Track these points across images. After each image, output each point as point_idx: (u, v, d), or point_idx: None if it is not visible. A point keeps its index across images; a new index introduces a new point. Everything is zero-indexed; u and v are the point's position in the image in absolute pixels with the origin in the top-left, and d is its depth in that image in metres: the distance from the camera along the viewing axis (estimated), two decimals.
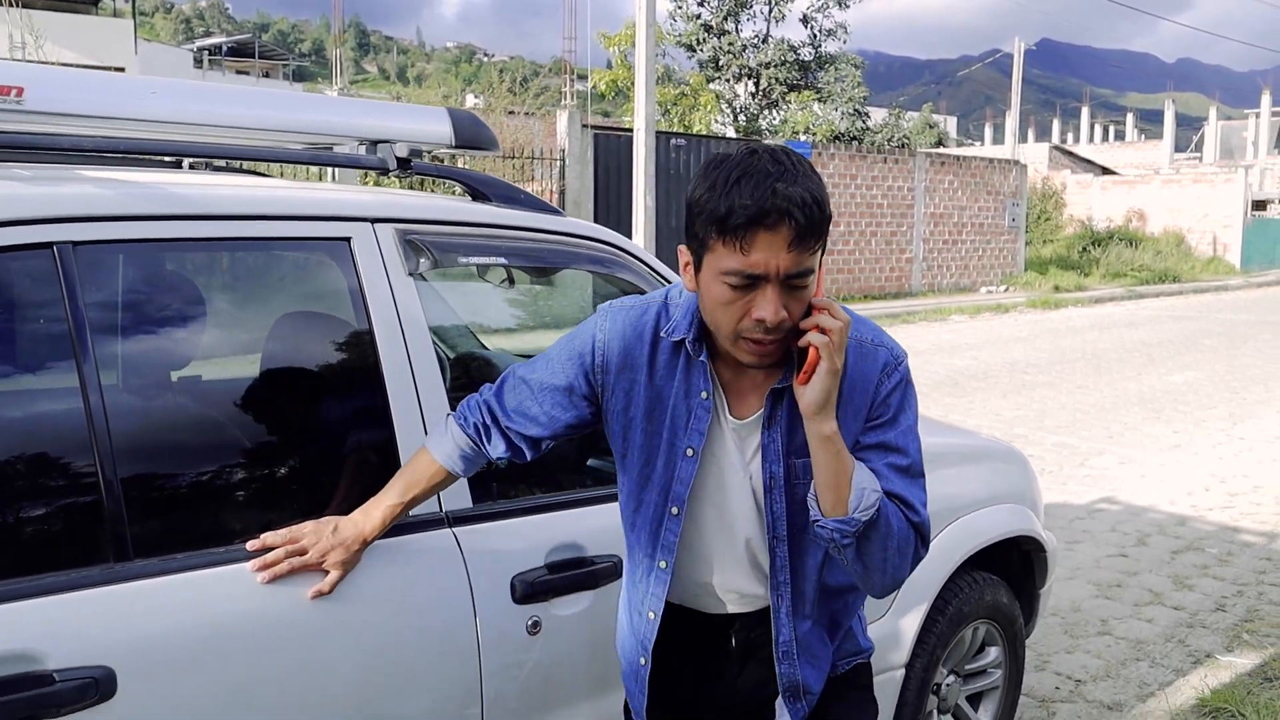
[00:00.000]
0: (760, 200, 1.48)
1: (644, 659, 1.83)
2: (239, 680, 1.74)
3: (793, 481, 1.71)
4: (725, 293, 1.56)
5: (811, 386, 1.57)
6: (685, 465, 1.72)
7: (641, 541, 1.80)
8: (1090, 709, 3.85)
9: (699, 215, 1.56)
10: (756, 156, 1.54)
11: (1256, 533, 5.99)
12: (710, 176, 1.56)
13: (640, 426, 1.75)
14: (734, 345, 1.61)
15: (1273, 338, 15.19)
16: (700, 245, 1.58)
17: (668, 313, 1.75)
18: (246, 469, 2.01)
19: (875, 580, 1.69)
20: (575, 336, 1.81)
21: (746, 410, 1.72)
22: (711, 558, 1.79)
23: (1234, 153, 57.50)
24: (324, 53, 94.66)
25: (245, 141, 2.27)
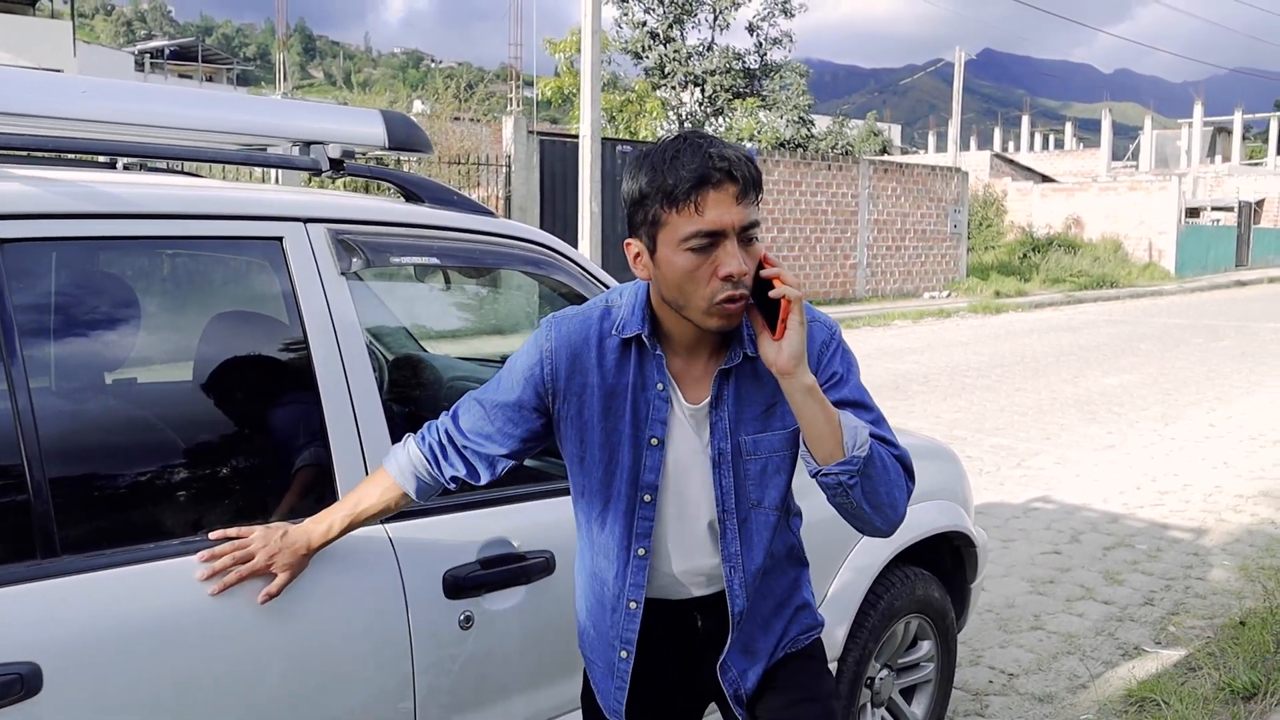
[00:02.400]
0: (702, 164, 1.60)
1: (626, 652, 1.87)
2: (168, 677, 1.74)
3: (740, 457, 1.80)
4: (689, 259, 1.63)
5: (788, 339, 1.63)
6: (651, 454, 1.79)
7: (615, 535, 1.83)
8: (1022, 701, 3.94)
9: (645, 199, 1.66)
10: (683, 138, 1.66)
11: (1185, 529, 6.15)
12: (645, 164, 1.66)
13: (598, 426, 1.80)
14: (706, 313, 1.67)
15: (1204, 342, 15.57)
16: (652, 225, 1.66)
17: (609, 315, 1.82)
18: (176, 468, 2.01)
19: (882, 518, 1.75)
20: (522, 354, 1.85)
21: (699, 396, 1.80)
22: (676, 543, 1.85)
23: (1168, 161, 58.80)
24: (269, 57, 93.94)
25: (178, 142, 2.27)
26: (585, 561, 1.93)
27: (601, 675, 1.92)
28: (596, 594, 1.90)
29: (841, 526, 2.10)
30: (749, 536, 1.85)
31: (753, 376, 1.80)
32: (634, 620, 1.85)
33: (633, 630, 1.85)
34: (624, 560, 1.84)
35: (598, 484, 1.83)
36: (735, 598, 1.86)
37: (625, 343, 1.79)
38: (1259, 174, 46.44)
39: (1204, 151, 59.66)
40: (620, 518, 1.82)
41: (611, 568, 1.85)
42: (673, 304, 1.71)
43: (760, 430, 1.81)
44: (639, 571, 1.83)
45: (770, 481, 1.84)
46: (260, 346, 2.20)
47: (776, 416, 1.81)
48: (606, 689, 1.91)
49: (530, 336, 1.86)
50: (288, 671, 1.88)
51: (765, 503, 1.84)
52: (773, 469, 1.83)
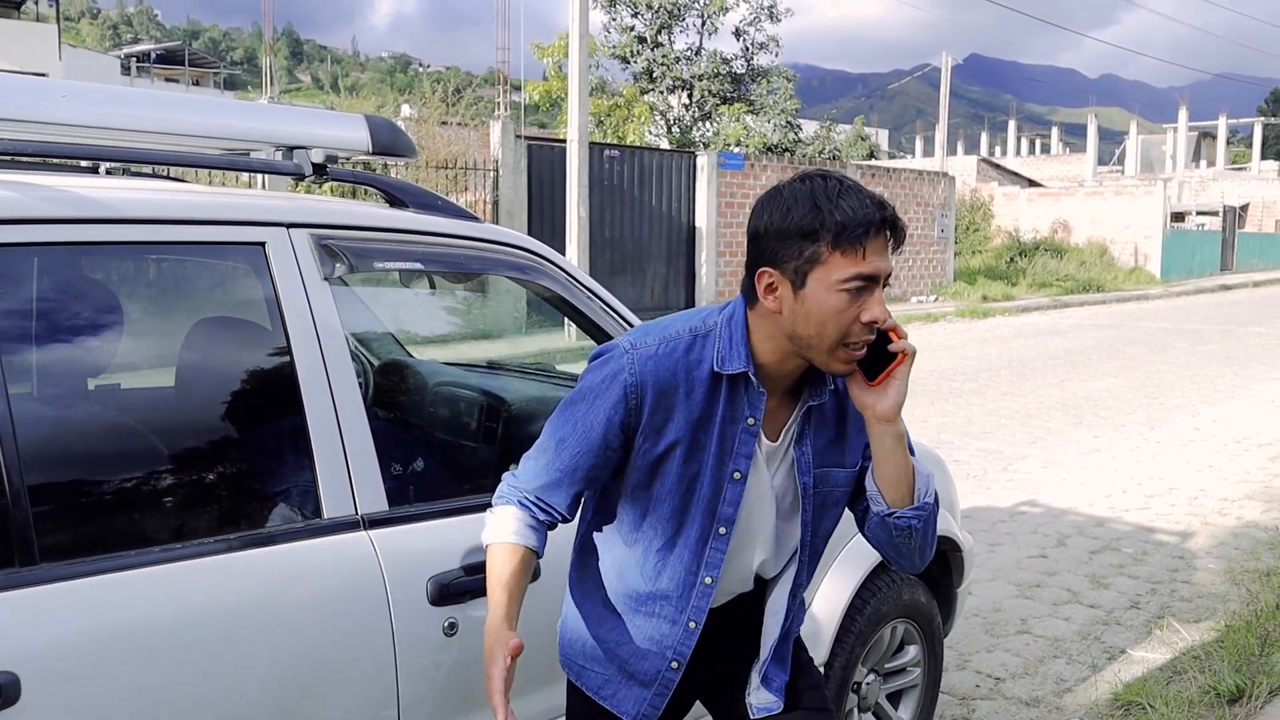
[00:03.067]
0: (873, 210, 1.64)
1: (677, 663, 1.91)
2: (150, 686, 1.73)
3: (819, 490, 1.87)
4: (842, 300, 1.65)
5: (896, 389, 1.72)
6: (732, 488, 1.81)
7: (683, 562, 1.85)
8: (1009, 705, 3.94)
9: (802, 235, 1.65)
10: (835, 178, 1.69)
11: (1170, 532, 6.17)
12: (802, 199, 1.66)
13: (680, 457, 1.79)
14: (831, 355, 1.70)
15: (1190, 346, 15.64)
16: (808, 262, 1.66)
17: (696, 346, 1.78)
18: (158, 475, 2.00)
19: (921, 558, 1.87)
20: (597, 391, 1.79)
21: (773, 433, 1.84)
22: (736, 567, 1.91)
23: (1154, 166, 59.11)
24: (256, 61, 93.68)
25: (161, 146, 2.26)
26: (627, 581, 1.91)
27: (628, 685, 1.94)
28: (647, 609, 1.90)
29: None
30: (811, 564, 1.96)
31: (819, 412, 1.86)
32: (692, 636, 1.90)
33: (689, 645, 1.90)
34: (690, 585, 1.87)
35: (669, 511, 1.82)
36: (787, 619, 1.97)
37: (716, 376, 1.77)
38: (1243, 179, 46.74)
39: (1189, 156, 59.98)
40: (691, 546, 1.84)
41: (675, 590, 1.87)
42: (802, 341, 1.71)
43: (822, 465, 1.87)
44: (703, 597, 1.87)
45: (828, 514, 1.92)
46: (243, 352, 2.19)
47: (836, 453, 1.88)
48: (636, 696, 1.93)
49: (598, 367, 1.81)
50: (270, 680, 1.87)
51: (820, 534, 1.93)
52: (831, 503, 1.91)
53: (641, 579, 1.89)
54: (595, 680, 1.96)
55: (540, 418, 3.11)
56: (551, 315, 2.54)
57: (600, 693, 1.96)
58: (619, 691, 1.94)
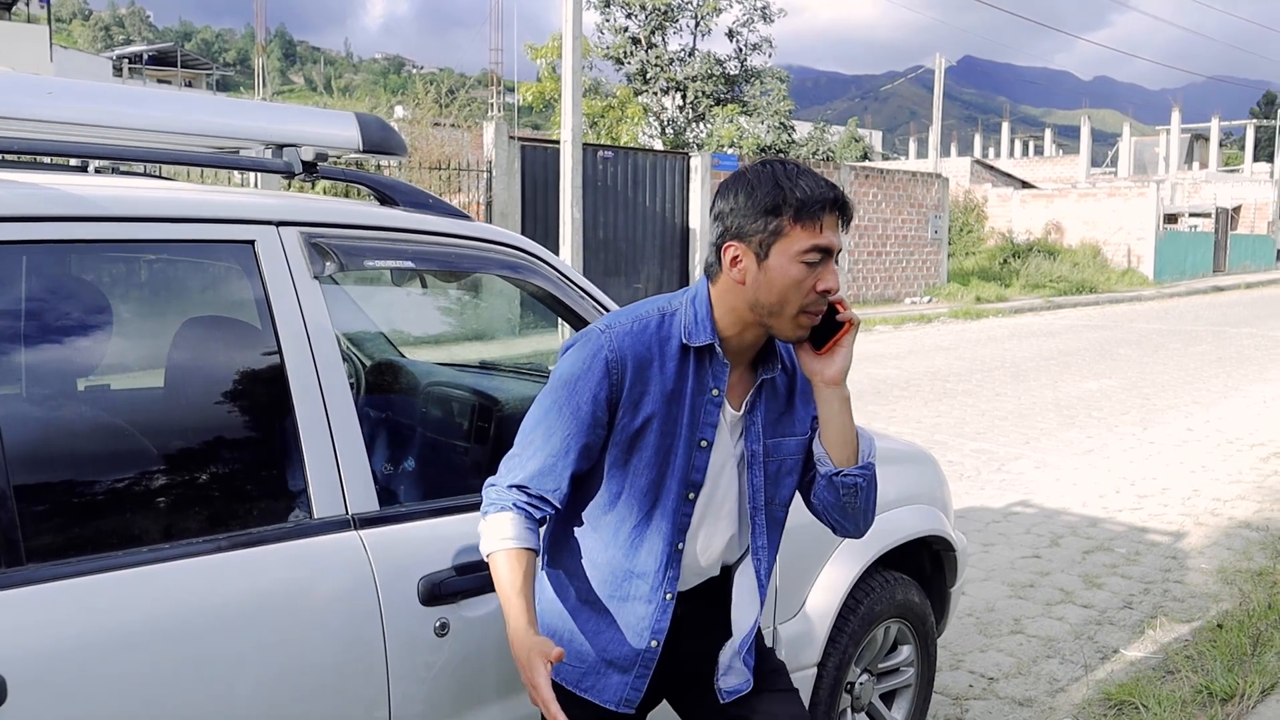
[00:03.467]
0: (827, 189, 1.81)
1: (656, 641, 1.96)
2: (138, 687, 1.72)
3: (766, 458, 1.98)
4: (801, 270, 1.80)
5: (843, 356, 1.88)
6: (700, 455, 1.91)
7: (663, 533, 1.92)
8: (1002, 705, 3.94)
9: (765, 209, 1.80)
10: (792, 162, 1.86)
11: (1163, 532, 6.17)
12: (764, 179, 1.82)
13: (656, 429, 1.88)
14: (792, 321, 1.84)
15: (1182, 346, 15.67)
16: (770, 235, 1.80)
17: (665, 322, 1.90)
18: (146, 475, 1.98)
19: (865, 521, 2.02)
20: (579, 372, 1.85)
21: (736, 403, 1.95)
22: (703, 536, 1.98)
23: (1147, 168, 59.23)
24: (249, 62, 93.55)
25: (150, 144, 2.25)
26: (600, 564, 1.95)
27: (607, 673, 1.97)
28: (622, 592, 1.95)
29: (822, 532, 2.11)
30: (770, 532, 2.04)
31: (771, 388, 1.99)
32: (667, 611, 1.95)
33: (665, 621, 1.96)
34: (667, 555, 1.93)
35: (646, 485, 1.90)
36: (761, 587, 2.05)
37: (684, 349, 1.88)
38: (1236, 180, 46.87)
39: (1182, 158, 60.12)
40: (668, 516, 1.92)
41: (654, 563, 1.93)
42: (764, 309, 1.84)
43: (776, 435, 1.99)
44: (676, 565, 1.95)
45: (783, 481, 2.02)
46: (233, 352, 2.17)
47: (786, 424, 2.00)
48: (617, 682, 1.97)
49: (576, 351, 1.88)
50: (260, 681, 1.86)
51: (778, 500, 2.03)
52: (785, 470, 2.01)
53: (618, 559, 1.94)
54: (574, 673, 1.99)
55: None
56: (545, 316, 2.54)
57: (580, 685, 1.98)
58: (599, 681, 1.98)
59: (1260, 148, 70.34)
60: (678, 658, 2.04)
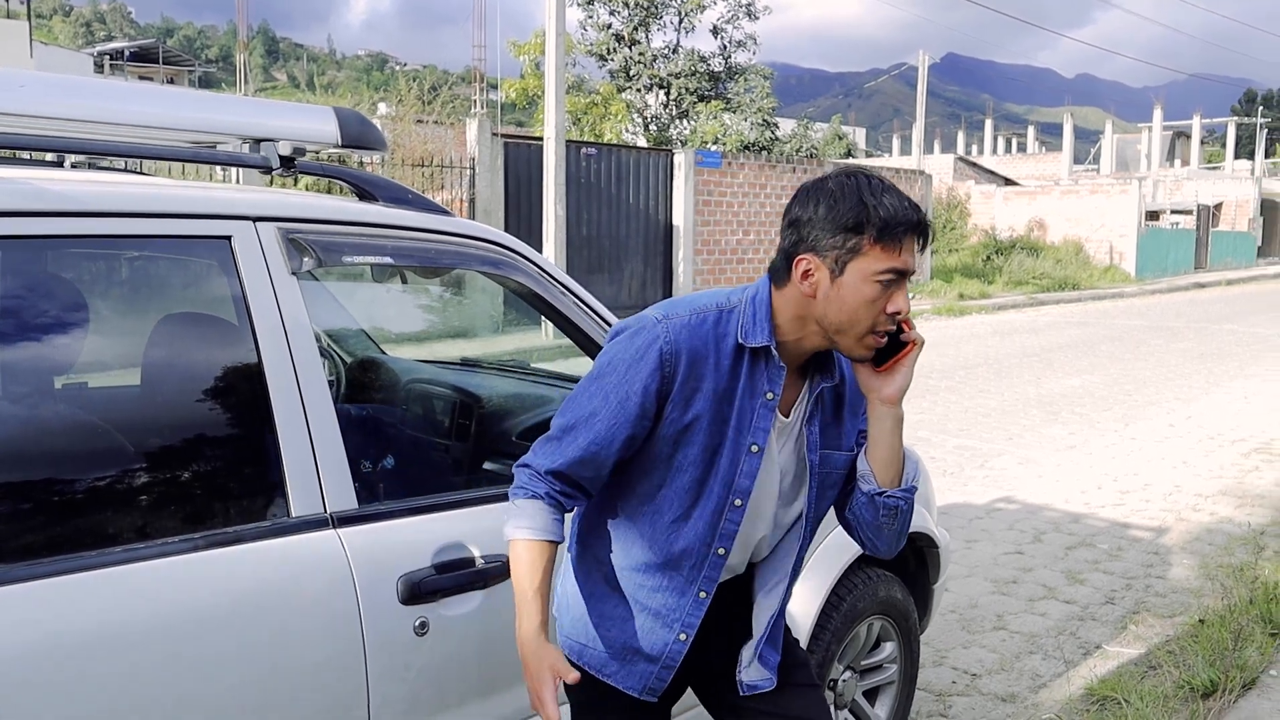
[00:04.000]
0: (912, 211, 1.76)
1: (685, 634, 1.94)
2: (113, 689, 1.70)
3: (823, 470, 1.95)
4: (875, 291, 1.75)
5: (903, 376, 1.84)
6: (750, 460, 1.86)
7: (698, 532, 1.89)
8: (985, 701, 3.94)
9: (847, 226, 1.74)
10: (878, 178, 1.80)
11: (1145, 528, 6.20)
12: (848, 193, 1.75)
13: (704, 428, 1.83)
14: (858, 341, 1.79)
15: (1164, 343, 15.75)
16: (849, 252, 1.75)
17: (723, 320, 1.85)
18: (121, 474, 1.96)
19: (897, 544, 1.99)
20: (628, 366, 1.81)
21: (786, 409, 1.91)
22: (744, 540, 1.95)
23: (1129, 165, 59.48)
24: (231, 59, 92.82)
25: (126, 139, 2.22)
26: (635, 554, 1.93)
27: (633, 661, 1.96)
28: (654, 583, 1.93)
29: None
30: (806, 540, 2.02)
31: (821, 399, 1.94)
32: (702, 607, 1.94)
33: (698, 616, 1.94)
34: (703, 556, 1.90)
35: (688, 482, 1.86)
36: (789, 594, 2.05)
37: (739, 349, 1.84)
38: (1217, 178, 47.11)
39: (1163, 155, 60.38)
40: (707, 517, 1.88)
41: (689, 561, 1.91)
42: (832, 326, 1.79)
43: (824, 447, 1.95)
44: (715, 567, 1.92)
45: (827, 495, 1.99)
46: (209, 349, 2.14)
47: (832, 436, 1.96)
48: (642, 672, 1.96)
49: (629, 339, 1.83)
50: (237, 681, 1.84)
51: (820, 513, 2.01)
52: (829, 484, 1.98)
53: (652, 551, 1.91)
54: (598, 659, 1.98)
55: (515, 415, 3.10)
56: (528, 313, 2.52)
57: (604, 670, 1.97)
58: (624, 668, 1.97)
59: (1241, 145, 70.78)
60: (707, 652, 2.02)
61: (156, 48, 68.89)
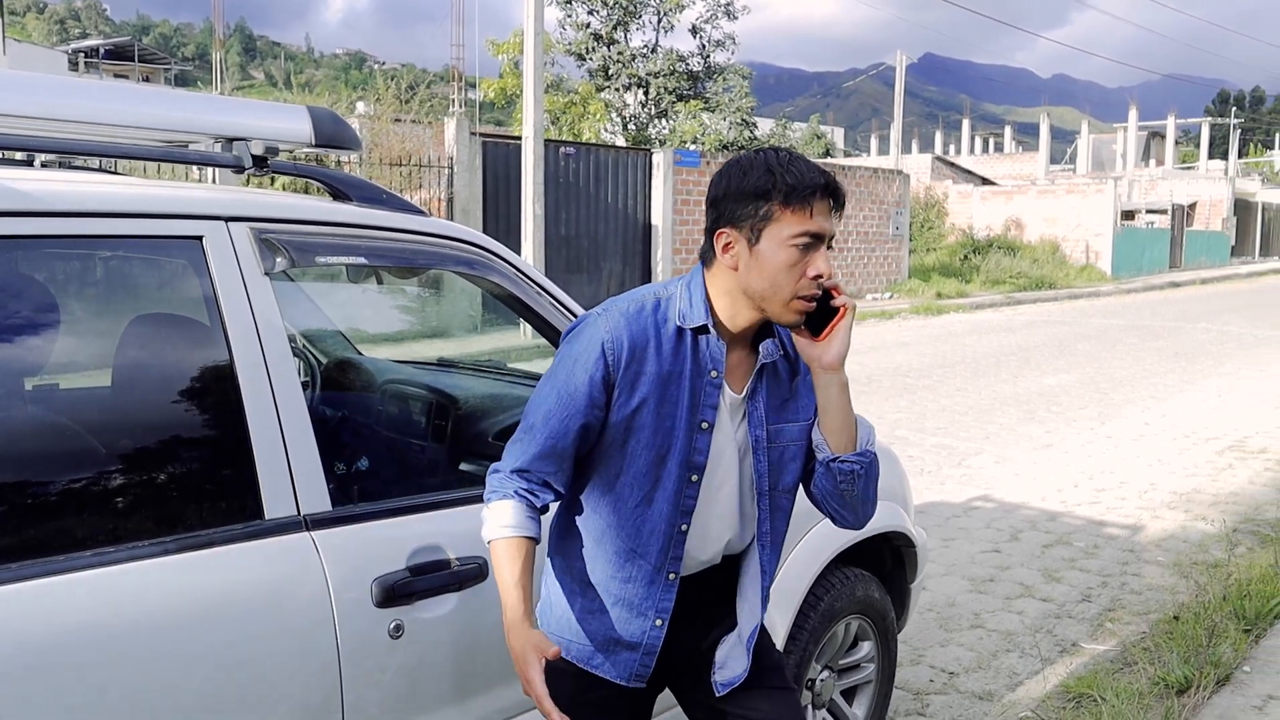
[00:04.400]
0: (818, 175, 1.83)
1: (661, 620, 1.98)
2: (81, 696, 1.67)
3: (769, 444, 1.99)
4: (792, 255, 1.81)
5: (840, 341, 1.88)
6: (701, 437, 1.92)
7: (663, 514, 1.93)
8: (962, 700, 3.96)
9: (758, 195, 1.82)
10: (785, 150, 1.88)
11: (1121, 526, 6.24)
12: (758, 165, 1.84)
13: (653, 409, 1.89)
14: (785, 307, 1.85)
15: (1139, 341, 15.86)
16: (761, 220, 1.82)
17: (661, 305, 1.92)
18: (92, 477, 1.93)
19: (864, 511, 2.03)
20: (577, 354, 1.89)
21: (737, 386, 1.96)
22: (705, 519, 1.98)
23: (1104, 165, 59.90)
24: (208, 57, 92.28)
25: (97, 137, 2.19)
26: (606, 543, 1.97)
27: (616, 650, 2.00)
28: (625, 573, 1.97)
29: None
30: (774, 518, 2.05)
31: (773, 372, 1.99)
32: (672, 590, 1.98)
33: (670, 600, 1.98)
34: (669, 536, 1.94)
35: (645, 466, 1.91)
36: (766, 573, 2.06)
37: (680, 331, 1.90)
38: (1191, 178, 47.51)
39: (1139, 155, 60.86)
40: (669, 498, 1.93)
41: (657, 543, 1.95)
42: (757, 294, 1.85)
43: (779, 420, 1.99)
44: (679, 545, 1.96)
45: (787, 467, 2.02)
46: (181, 350, 2.12)
47: (790, 409, 2.01)
48: (626, 660, 2.00)
49: (574, 337, 1.92)
50: (209, 686, 1.82)
51: (781, 486, 2.03)
52: (789, 456, 2.02)
53: (620, 539, 1.95)
54: (584, 652, 2.02)
55: (492, 415, 3.08)
56: (506, 313, 2.51)
57: (591, 662, 2.02)
58: (608, 659, 2.01)
59: (1215, 145, 71.36)
60: (679, 645, 2.05)
61: (132, 45, 68.32)
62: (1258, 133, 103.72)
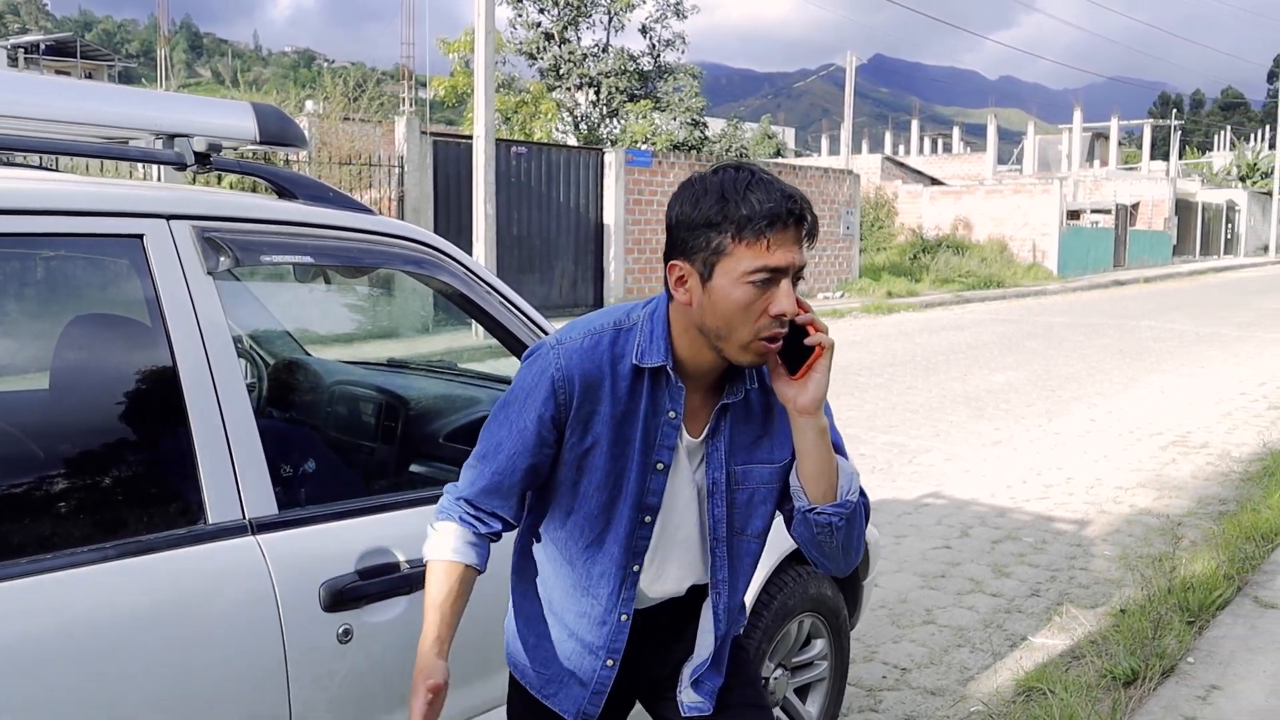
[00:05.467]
0: (779, 202, 1.62)
1: (612, 660, 1.89)
2: (18, 707, 1.63)
3: (731, 487, 1.85)
4: (748, 293, 1.64)
5: (816, 383, 1.71)
6: (656, 479, 1.80)
7: (614, 555, 1.84)
8: (915, 695, 3.98)
9: (709, 225, 1.64)
10: (749, 169, 1.67)
11: (1069, 521, 6.32)
12: (710, 191, 1.65)
13: (605, 451, 1.78)
14: (744, 348, 1.68)
15: (1085, 339, 16.10)
16: (714, 254, 1.64)
17: (619, 340, 1.78)
18: (29, 482, 1.89)
19: (846, 561, 1.86)
20: (526, 390, 1.78)
21: (695, 429, 1.83)
22: (658, 562, 1.89)
23: (1050, 165, 60.76)
24: (152, 54, 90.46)
25: (32, 133, 2.14)
26: (561, 577, 1.90)
27: (568, 684, 1.93)
28: (579, 608, 1.89)
29: None
30: (734, 564, 1.91)
31: (744, 409, 1.84)
32: (623, 631, 1.88)
33: (622, 640, 1.89)
34: (621, 578, 1.85)
35: (596, 508, 1.82)
36: (719, 622, 1.94)
37: (638, 370, 1.76)
38: (1134, 178, 48.35)
39: (1083, 156, 61.77)
40: (621, 539, 1.83)
41: (608, 586, 1.86)
42: (711, 333, 1.70)
43: (748, 461, 1.85)
44: (631, 587, 1.86)
45: (756, 511, 1.89)
46: (121, 352, 2.08)
47: (763, 449, 1.86)
48: (576, 696, 1.93)
49: (527, 367, 1.80)
50: (151, 696, 1.78)
51: (749, 531, 1.90)
52: (759, 499, 1.88)
53: (574, 576, 1.88)
54: (538, 679, 1.96)
55: (443, 416, 3.05)
56: (457, 313, 2.47)
57: (543, 691, 1.96)
58: (560, 691, 1.94)
59: (1156, 147, 72.67)
60: (648, 670, 1.99)
61: (74, 41, 66.97)
62: (1197, 134, 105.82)
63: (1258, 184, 56.86)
